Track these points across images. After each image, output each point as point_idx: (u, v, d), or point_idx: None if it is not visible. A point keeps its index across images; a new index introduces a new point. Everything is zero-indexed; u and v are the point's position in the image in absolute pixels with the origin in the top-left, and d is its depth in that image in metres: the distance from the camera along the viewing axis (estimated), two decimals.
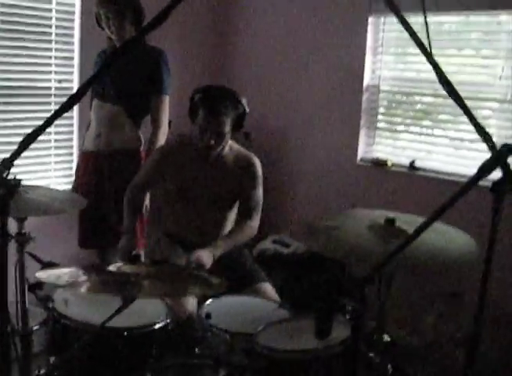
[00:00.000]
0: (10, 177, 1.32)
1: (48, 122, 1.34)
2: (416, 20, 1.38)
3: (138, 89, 2.97)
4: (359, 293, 1.49)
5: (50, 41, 3.48)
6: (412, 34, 1.38)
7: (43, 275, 1.81)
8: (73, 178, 3.35)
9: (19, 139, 1.31)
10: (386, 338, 1.95)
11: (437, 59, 1.32)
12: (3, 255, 1.32)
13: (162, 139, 2.99)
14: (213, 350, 2.00)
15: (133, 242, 2.64)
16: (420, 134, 3.51)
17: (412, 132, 3.55)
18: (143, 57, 2.92)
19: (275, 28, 3.99)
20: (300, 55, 3.86)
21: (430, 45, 1.38)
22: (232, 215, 2.79)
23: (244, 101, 2.58)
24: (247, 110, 2.59)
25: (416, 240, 1.34)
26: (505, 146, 1.19)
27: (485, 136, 1.22)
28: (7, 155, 1.31)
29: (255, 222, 2.71)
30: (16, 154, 1.31)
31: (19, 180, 1.63)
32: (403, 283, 3.02)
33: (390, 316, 1.95)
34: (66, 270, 1.85)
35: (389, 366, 1.92)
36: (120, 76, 2.90)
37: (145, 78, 2.95)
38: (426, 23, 1.48)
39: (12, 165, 1.31)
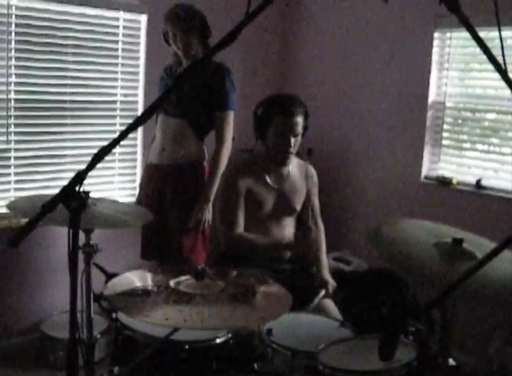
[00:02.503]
0: (81, 192, 1.35)
1: (119, 138, 1.37)
2: (482, 35, 1.34)
3: (202, 105, 3.01)
4: (426, 316, 1.45)
5: (117, 57, 3.59)
6: (486, 50, 1.34)
7: (110, 286, 1.84)
8: (136, 191, 3.43)
9: (88, 151, 1.35)
10: (451, 361, 1.89)
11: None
12: (75, 266, 1.35)
13: (226, 155, 3.01)
14: (273, 367, 1.98)
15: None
16: (487, 152, 3.41)
17: (478, 150, 3.46)
18: (208, 72, 2.96)
19: (339, 43, 3.97)
20: (364, 70, 3.83)
21: (504, 60, 1.34)
22: None
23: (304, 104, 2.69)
24: (309, 113, 2.68)
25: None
26: None
27: None
28: (77, 167, 1.35)
29: (322, 227, 2.92)
30: (89, 169, 1.34)
31: (88, 193, 1.68)
32: (469, 307, 2.93)
33: (454, 341, 1.89)
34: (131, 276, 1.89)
35: None
36: (185, 91, 2.95)
37: (209, 94, 2.98)
38: (501, 37, 1.44)
39: (83, 181, 1.34)
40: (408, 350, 1.85)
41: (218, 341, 1.99)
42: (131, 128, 1.35)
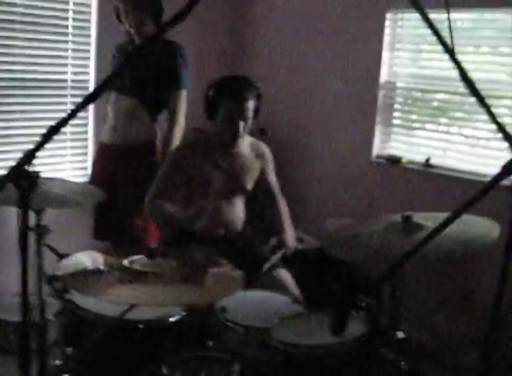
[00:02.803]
0: (30, 171, 1.33)
1: (70, 116, 1.34)
2: (432, 17, 1.37)
3: (155, 83, 2.97)
4: (375, 290, 1.49)
5: (67, 34, 3.50)
6: (436, 32, 1.36)
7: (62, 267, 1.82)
8: (88, 171, 3.38)
9: (36, 130, 1.33)
10: (400, 334, 1.95)
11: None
12: (25, 247, 1.33)
13: (179, 134, 3.00)
14: (227, 344, 2.01)
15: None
16: (436, 131, 3.49)
17: (427, 130, 3.53)
18: (161, 51, 2.92)
19: (292, 23, 3.97)
20: (316, 50, 3.84)
21: (452, 41, 1.37)
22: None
23: (258, 85, 2.64)
24: (261, 93, 2.64)
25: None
26: None
27: (507, 136, 1.22)
28: (25, 147, 1.32)
29: (285, 200, 2.91)
30: (38, 147, 1.32)
31: (39, 172, 1.65)
32: (417, 281, 3.02)
33: (403, 315, 1.95)
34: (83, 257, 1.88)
35: (403, 363, 1.92)
36: (137, 69, 2.91)
37: (162, 72, 2.95)
38: (449, 19, 1.47)
39: (33, 159, 1.32)
40: (358, 324, 1.90)
41: (171, 319, 2.00)
42: (82, 105, 1.33)
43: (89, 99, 1.35)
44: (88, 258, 1.96)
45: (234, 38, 4.25)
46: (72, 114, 1.33)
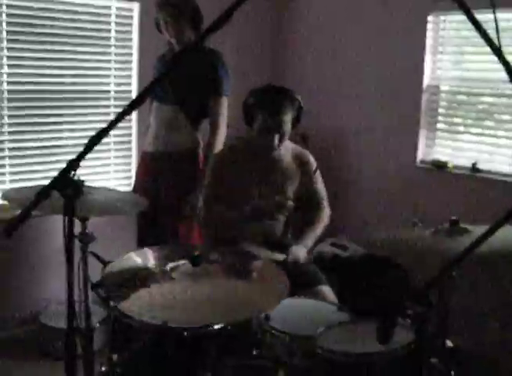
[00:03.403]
0: (75, 179, 1.34)
1: (112, 124, 1.36)
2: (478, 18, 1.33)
3: (196, 91, 2.99)
4: (423, 297, 1.45)
5: (110, 46, 3.57)
6: (482, 32, 1.33)
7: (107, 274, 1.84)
8: (132, 180, 3.42)
9: (83, 141, 1.34)
10: (449, 343, 1.90)
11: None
12: (71, 255, 1.34)
13: (220, 142, 3.00)
14: (272, 352, 1.99)
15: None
16: (482, 135, 3.41)
17: (473, 133, 3.45)
18: (201, 59, 2.94)
19: (332, 27, 3.95)
20: (358, 54, 3.81)
21: (499, 42, 1.33)
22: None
23: (299, 97, 2.59)
24: (303, 105, 2.60)
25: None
26: None
27: None
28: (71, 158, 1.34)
29: (327, 211, 2.85)
30: (82, 156, 1.33)
31: (83, 181, 1.67)
32: (467, 289, 2.94)
33: (453, 323, 1.90)
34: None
35: (452, 372, 1.87)
36: (178, 78, 2.93)
37: (203, 80, 2.97)
38: (495, 19, 1.43)
39: (79, 166, 1.33)
40: (406, 332, 1.86)
41: (215, 327, 1.99)
42: (123, 114, 1.35)
43: (130, 107, 1.36)
44: (138, 257, 1.98)
45: (274, 45, 4.25)
46: (114, 123, 1.35)
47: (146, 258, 2.00)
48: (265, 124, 2.53)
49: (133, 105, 1.37)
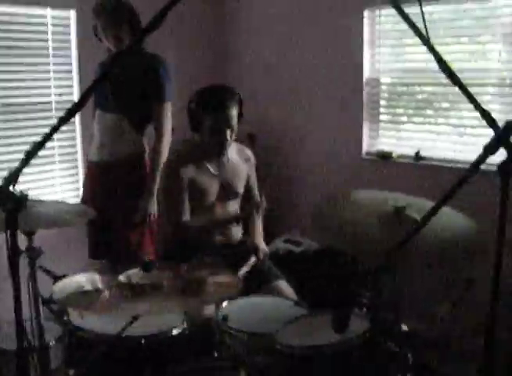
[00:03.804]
0: (16, 192, 1.31)
1: (50, 134, 1.34)
2: (408, 11, 1.39)
3: (138, 97, 2.96)
4: (373, 282, 1.48)
5: (47, 56, 3.49)
6: (412, 25, 1.37)
7: (58, 289, 1.80)
8: (80, 191, 3.36)
9: (22, 155, 1.31)
10: (404, 327, 1.94)
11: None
12: (16, 271, 1.31)
13: (166, 147, 2.98)
14: (232, 352, 1.99)
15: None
16: (424, 124, 3.49)
17: (415, 123, 3.54)
18: (142, 65, 2.91)
19: (272, 26, 3.98)
20: (299, 52, 3.85)
21: (427, 33, 1.37)
22: None
23: (237, 91, 2.65)
24: (242, 98, 2.65)
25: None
26: (508, 123, 1.18)
27: (487, 117, 1.22)
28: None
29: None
30: (21, 168, 1.30)
31: (26, 194, 1.63)
32: (418, 272, 3.00)
33: (406, 307, 1.94)
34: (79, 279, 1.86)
35: (409, 355, 1.90)
36: (120, 85, 2.90)
37: (144, 86, 2.94)
38: (422, 12, 1.47)
39: (17, 179, 1.30)
40: (361, 320, 1.89)
41: (174, 332, 1.98)
42: (62, 121, 1.32)
43: (69, 114, 1.34)
44: (84, 279, 1.93)
45: (215, 46, 4.25)
46: (50, 133, 1.32)
47: (90, 282, 1.95)
48: (214, 122, 2.55)
49: (71, 112, 1.34)
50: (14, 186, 1.28)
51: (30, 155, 1.30)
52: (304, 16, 3.78)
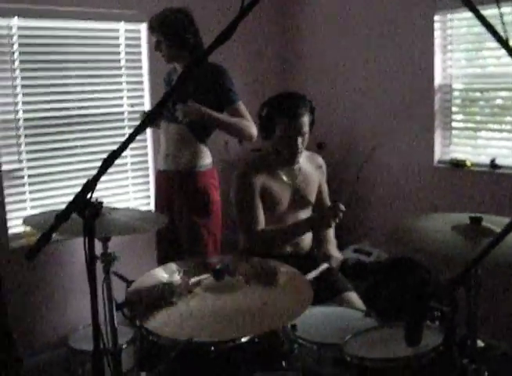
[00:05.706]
0: (92, 200, 1.35)
1: (126, 144, 1.37)
2: (484, 13, 1.33)
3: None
4: (449, 296, 1.43)
5: (120, 68, 3.61)
6: (489, 27, 1.32)
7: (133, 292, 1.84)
8: (151, 198, 3.43)
9: (98, 164, 1.35)
10: (480, 343, 1.86)
11: None
12: (93, 276, 1.35)
13: (247, 126, 2.93)
14: (301, 362, 1.97)
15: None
16: (500, 131, 3.37)
17: (490, 130, 3.42)
18: (203, 75, 2.92)
19: (341, 34, 3.96)
20: (368, 60, 3.81)
21: (506, 34, 1.32)
22: None
23: (309, 98, 2.64)
24: (314, 106, 2.64)
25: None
26: None
27: None
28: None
29: None
30: (98, 176, 1.34)
31: (101, 202, 1.68)
32: (495, 287, 2.90)
33: (482, 323, 1.87)
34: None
35: (486, 373, 1.83)
36: (181, 96, 2.92)
37: (208, 95, 2.94)
38: (500, 12, 1.42)
39: (95, 187, 1.34)
40: (435, 334, 1.83)
41: (243, 340, 1.98)
42: (134, 135, 1.36)
43: (141, 126, 1.37)
44: (161, 273, 1.98)
45: (284, 53, 4.26)
46: (126, 144, 1.36)
47: (169, 273, 2.00)
48: (287, 129, 2.54)
49: (143, 124, 1.38)
50: (92, 194, 1.32)
51: (106, 165, 1.33)
52: (372, 22, 3.74)
